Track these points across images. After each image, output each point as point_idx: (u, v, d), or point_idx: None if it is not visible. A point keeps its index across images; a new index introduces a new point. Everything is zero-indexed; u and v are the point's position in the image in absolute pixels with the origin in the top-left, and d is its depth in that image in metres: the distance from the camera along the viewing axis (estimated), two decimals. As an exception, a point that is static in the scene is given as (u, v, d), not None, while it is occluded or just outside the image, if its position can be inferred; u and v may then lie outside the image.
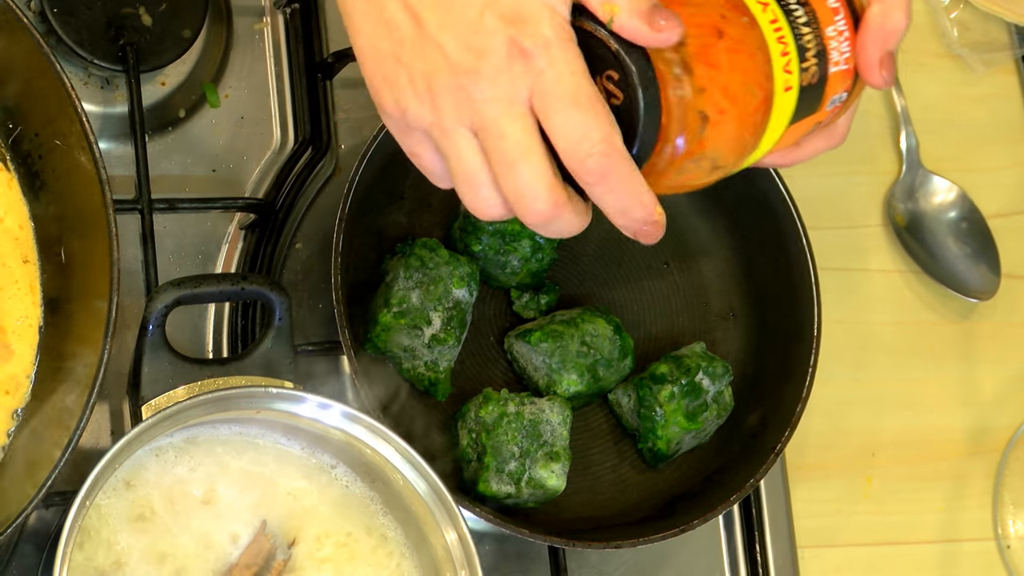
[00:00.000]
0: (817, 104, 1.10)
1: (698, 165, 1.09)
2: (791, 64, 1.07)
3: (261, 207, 1.35)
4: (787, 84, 1.08)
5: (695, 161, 1.08)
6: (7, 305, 1.19)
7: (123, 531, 1.16)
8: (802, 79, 1.08)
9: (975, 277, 1.56)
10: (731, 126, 1.07)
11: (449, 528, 1.20)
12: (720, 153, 1.08)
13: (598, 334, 1.33)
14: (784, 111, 1.09)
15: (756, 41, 1.07)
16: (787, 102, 1.08)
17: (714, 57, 1.06)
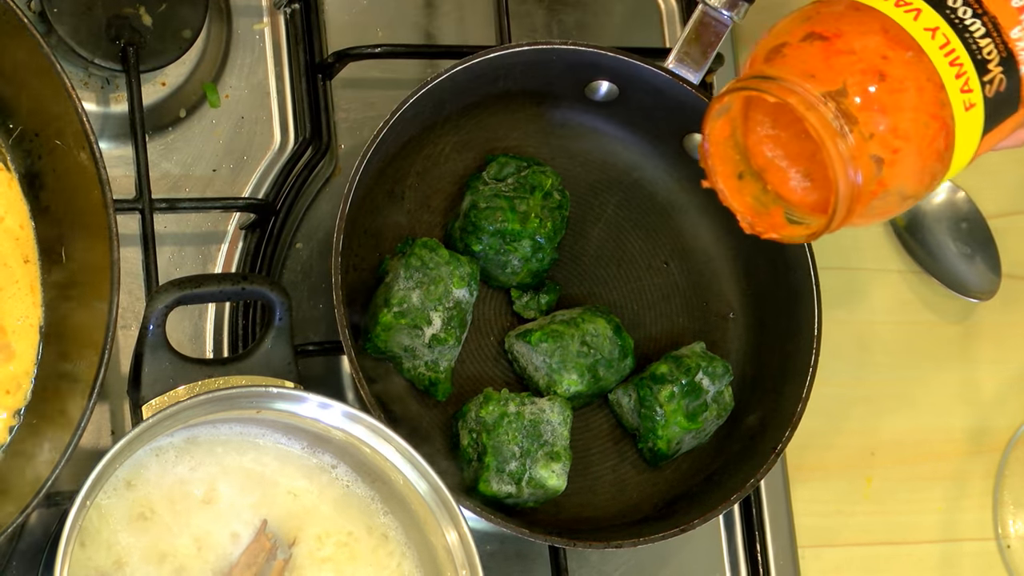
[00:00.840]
0: (1016, 104, 1.11)
1: (885, 202, 1.10)
2: (970, 82, 1.08)
3: (261, 207, 1.35)
4: (968, 103, 1.09)
5: (881, 199, 1.09)
6: (7, 305, 1.19)
7: (123, 531, 1.16)
8: (987, 91, 1.09)
9: (975, 277, 1.56)
10: (910, 161, 1.08)
11: (450, 528, 1.20)
12: (905, 186, 1.09)
13: (598, 334, 1.33)
14: (972, 127, 1.09)
15: (924, 73, 1.08)
16: (973, 118, 1.09)
17: (877, 101, 1.07)
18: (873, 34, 1.08)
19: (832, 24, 1.09)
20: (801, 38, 1.10)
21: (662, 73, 1.36)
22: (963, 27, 1.09)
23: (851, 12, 1.10)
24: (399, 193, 1.36)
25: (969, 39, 1.09)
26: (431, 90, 1.31)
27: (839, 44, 1.08)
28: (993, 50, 1.09)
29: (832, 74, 1.08)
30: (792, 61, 1.10)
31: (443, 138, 1.38)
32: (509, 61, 1.34)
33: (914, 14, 1.09)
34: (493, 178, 1.36)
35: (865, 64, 1.08)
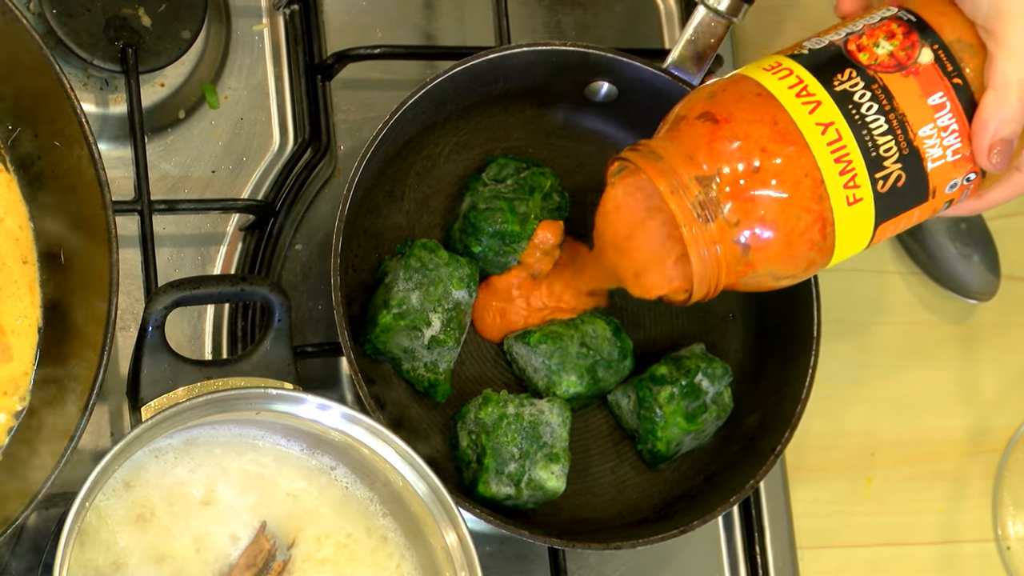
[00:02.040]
0: (922, 196, 1.14)
1: (759, 279, 1.15)
2: (857, 178, 1.11)
3: (260, 208, 1.35)
4: (853, 197, 1.11)
5: (752, 278, 1.15)
6: (6, 305, 1.19)
7: (123, 532, 1.16)
8: (879, 187, 1.12)
9: (975, 278, 1.56)
10: (778, 249, 1.13)
11: (449, 529, 1.20)
12: (776, 269, 1.14)
13: (598, 335, 1.33)
14: (859, 219, 1.12)
15: (802, 168, 1.11)
16: (859, 211, 1.12)
17: (747, 191, 1.10)
18: (760, 124, 1.12)
19: (727, 108, 1.14)
20: (697, 115, 1.15)
21: (662, 74, 1.36)
22: (862, 123, 1.12)
23: (750, 97, 1.13)
24: (399, 194, 1.36)
25: (866, 136, 1.12)
26: (431, 91, 1.31)
27: (725, 130, 1.13)
28: (893, 147, 1.12)
29: (710, 158, 1.13)
30: (682, 137, 1.15)
31: (443, 139, 1.38)
32: (509, 62, 1.34)
33: (811, 106, 1.12)
34: (492, 179, 1.35)
35: (743, 153, 1.12)
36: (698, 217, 1.13)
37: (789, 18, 1.59)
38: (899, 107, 1.12)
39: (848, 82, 1.13)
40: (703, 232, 1.13)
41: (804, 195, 1.12)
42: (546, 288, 1.34)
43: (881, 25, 1.16)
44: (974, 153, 1.14)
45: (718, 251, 1.13)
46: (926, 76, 1.13)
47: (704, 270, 1.15)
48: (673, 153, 1.15)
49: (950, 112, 1.13)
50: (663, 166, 1.14)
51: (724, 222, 1.12)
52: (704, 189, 1.12)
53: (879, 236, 1.16)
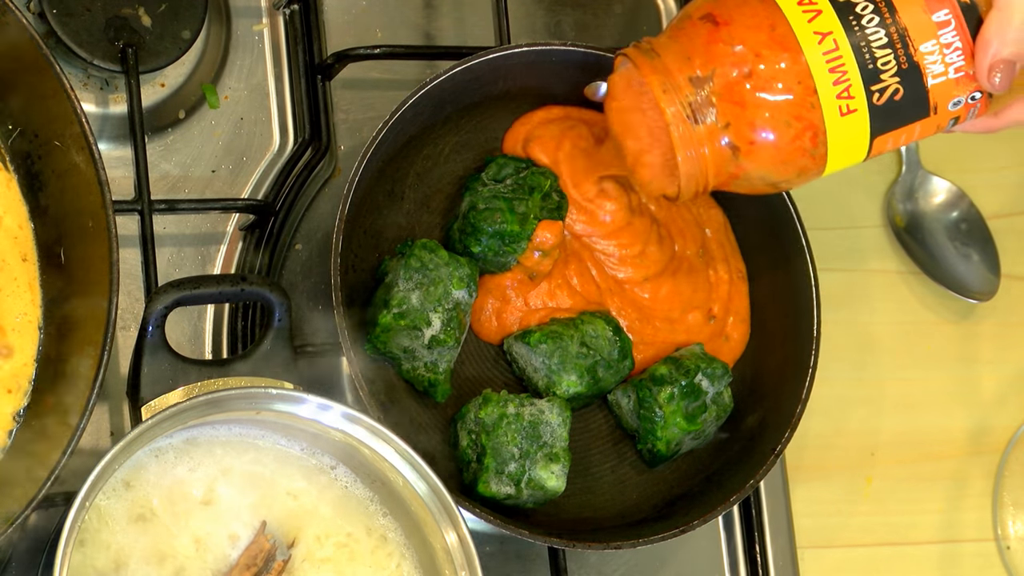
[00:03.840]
0: (923, 111, 1.14)
1: (751, 183, 1.16)
2: (852, 89, 1.12)
3: (261, 208, 1.35)
4: (847, 108, 1.12)
5: (743, 180, 1.15)
6: (6, 304, 1.19)
7: (123, 532, 1.16)
8: (874, 99, 1.12)
9: (975, 277, 1.56)
10: (768, 154, 1.13)
11: (449, 529, 1.20)
12: (767, 174, 1.15)
13: (598, 335, 1.33)
14: (853, 130, 1.13)
15: (795, 76, 1.12)
16: (853, 122, 1.13)
17: (739, 95, 1.10)
18: (758, 30, 1.12)
19: (728, 10, 1.14)
20: (700, 16, 1.15)
21: (661, 74, 1.36)
22: (861, 35, 1.12)
23: (753, 3, 1.15)
24: (399, 194, 1.36)
25: (863, 47, 1.12)
26: (431, 91, 1.31)
27: (723, 32, 1.13)
28: (891, 60, 1.12)
29: (706, 60, 1.14)
30: (682, 37, 1.16)
31: (443, 139, 1.38)
32: (509, 62, 1.34)
33: (811, 15, 1.12)
34: (492, 179, 1.35)
35: (738, 57, 1.13)
36: (687, 117, 1.14)
37: (789, 18, 1.59)
38: (901, 21, 1.13)
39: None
40: (692, 133, 1.14)
41: (795, 102, 1.12)
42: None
43: None
44: (975, 72, 1.14)
45: (706, 152, 1.14)
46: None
47: (691, 169, 1.15)
48: (671, 52, 1.15)
49: (954, 29, 1.13)
50: (658, 64, 1.15)
51: (713, 124, 1.13)
52: (696, 90, 1.13)
53: (877, 148, 1.16)
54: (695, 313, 1.38)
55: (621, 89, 1.21)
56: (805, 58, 1.12)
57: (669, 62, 1.15)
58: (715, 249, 1.41)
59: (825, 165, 1.15)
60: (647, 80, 1.16)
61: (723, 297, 1.40)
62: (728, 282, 1.40)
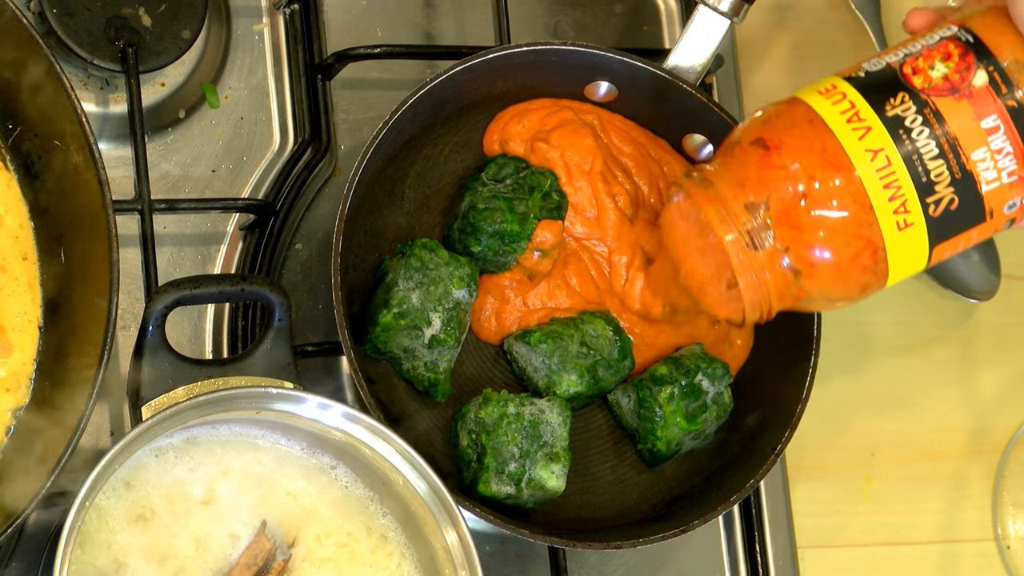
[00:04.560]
0: (979, 217, 1.14)
1: (813, 303, 1.16)
2: (908, 204, 1.11)
3: (261, 208, 1.35)
4: (905, 222, 1.12)
5: (806, 302, 1.16)
6: (7, 303, 1.19)
7: (123, 531, 1.16)
8: (931, 211, 1.12)
9: (975, 277, 1.56)
10: (829, 274, 1.13)
11: (449, 529, 1.20)
12: (830, 293, 1.15)
13: (598, 335, 1.33)
14: (912, 241, 1.12)
15: (850, 196, 1.11)
16: (912, 235, 1.12)
17: (795, 219, 1.10)
18: (809, 151, 1.12)
19: (778, 134, 1.14)
20: (750, 141, 1.15)
21: (662, 74, 1.36)
22: (913, 148, 1.12)
23: (802, 124, 1.14)
24: (399, 193, 1.36)
25: (916, 161, 1.12)
26: (431, 90, 1.31)
27: (775, 157, 1.13)
28: (944, 171, 1.12)
29: (760, 186, 1.13)
30: (734, 164, 1.15)
31: (443, 138, 1.38)
32: (509, 61, 1.34)
33: (861, 132, 1.12)
34: (492, 179, 1.36)
35: (792, 181, 1.12)
36: (747, 245, 1.13)
37: (789, 18, 1.59)
38: (951, 131, 1.12)
39: (900, 107, 1.12)
40: (751, 259, 1.13)
41: (853, 222, 1.12)
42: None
43: (939, 46, 1.15)
44: None
45: (767, 277, 1.14)
46: (979, 99, 1.13)
47: (754, 295, 1.15)
48: (724, 180, 1.15)
49: (1004, 134, 1.12)
50: (713, 193, 1.15)
51: (773, 249, 1.13)
52: (752, 216, 1.13)
53: (937, 256, 1.15)
54: (700, 316, 1.38)
55: (677, 219, 1.20)
56: (859, 176, 1.11)
57: (723, 190, 1.15)
58: None
59: (887, 278, 1.15)
60: (703, 210, 1.15)
61: None
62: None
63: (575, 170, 1.36)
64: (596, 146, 1.36)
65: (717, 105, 1.37)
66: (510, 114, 1.38)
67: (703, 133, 1.39)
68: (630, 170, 1.39)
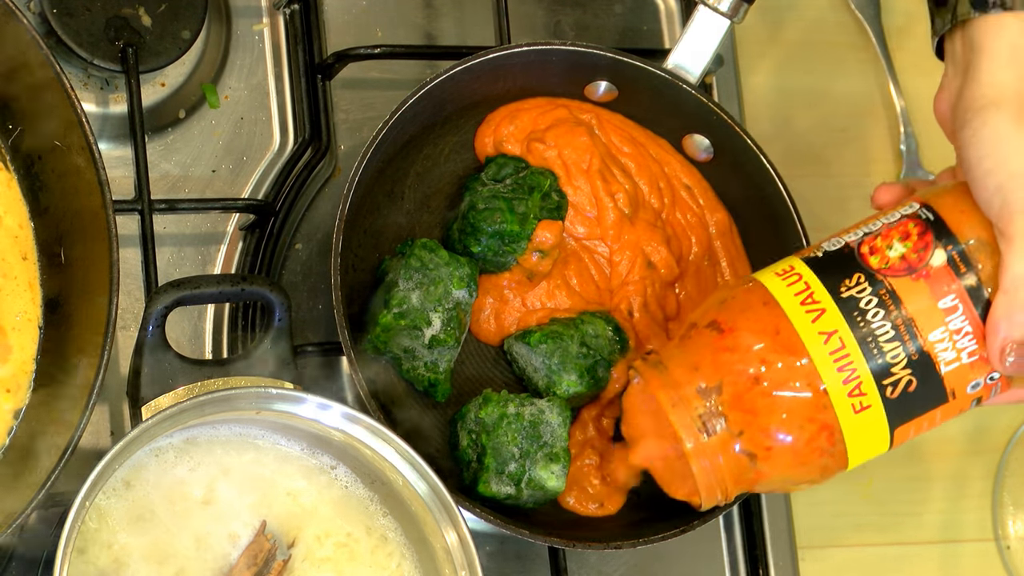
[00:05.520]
0: (940, 398, 1.12)
1: (774, 485, 1.14)
2: (863, 386, 1.10)
3: (261, 208, 1.35)
4: (860, 405, 1.10)
5: (765, 484, 1.14)
6: (6, 302, 1.19)
7: (123, 531, 1.16)
8: (887, 392, 1.10)
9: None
10: (786, 457, 1.12)
11: (449, 529, 1.20)
12: (788, 476, 1.13)
13: (598, 335, 1.33)
14: (870, 424, 1.11)
15: (804, 378, 1.10)
16: (869, 418, 1.11)
17: (749, 403, 1.09)
18: (763, 334, 1.11)
19: (733, 316, 1.13)
20: (706, 324, 1.14)
21: (661, 73, 1.36)
22: (868, 330, 1.10)
23: (756, 307, 1.13)
24: (399, 193, 1.36)
25: (871, 343, 1.10)
26: (431, 90, 1.31)
27: (729, 340, 1.12)
28: (900, 353, 1.10)
29: (713, 370, 1.12)
30: (690, 346, 1.15)
31: (443, 138, 1.38)
32: (509, 61, 1.34)
33: (815, 314, 1.10)
34: (491, 179, 1.36)
35: (744, 364, 1.11)
36: (699, 430, 1.12)
37: (789, 18, 1.59)
38: (907, 311, 1.10)
39: (855, 288, 1.11)
40: (704, 445, 1.12)
41: (807, 405, 1.10)
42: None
43: (898, 224, 1.13)
44: (988, 356, 1.11)
45: (720, 461, 1.13)
46: (937, 279, 1.11)
47: (708, 480, 1.14)
48: (678, 363, 1.14)
49: (962, 314, 1.10)
50: (667, 378, 1.14)
51: (726, 433, 1.12)
52: (705, 401, 1.12)
53: (899, 438, 1.13)
54: None
55: (635, 402, 1.19)
56: (812, 360, 1.10)
57: (677, 374, 1.14)
58: (720, 251, 1.41)
59: (847, 461, 1.13)
60: (655, 395, 1.14)
61: None
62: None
63: (574, 169, 1.36)
64: (592, 144, 1.36)
65: (717, 105, 1.37)
66: (501, 115, 1.37)
67: (703, 133, 1.39)
68: (630, 170, 1.39)
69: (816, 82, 1.57)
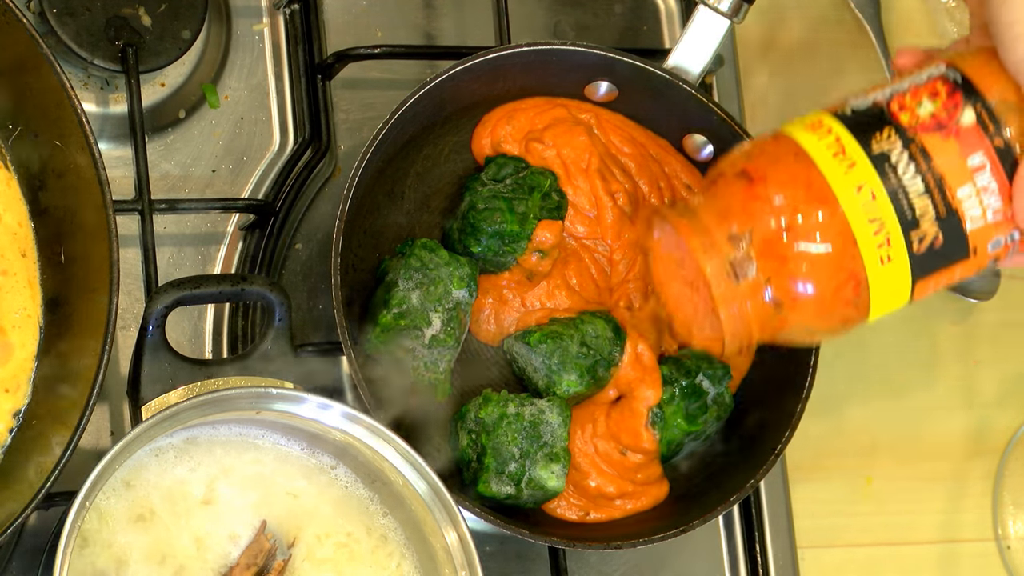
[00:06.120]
0: (962, 255, 1.14)
1: (794, 334, 1.15)
2: (892, 239, 1.11)
3: (261, 208, 1.35)
4: (888, 257, 1.11)
5: (788, 333, 1.15)
6: (6, 300, 1.19)
7: (123, 531, 1.16)
8: (914, 247, 1.12)
9: (975, 277, 1.56)
10: (811, 307, 1.12)
11: (449, 529, 1.20)
12: (810, 325, 1.14)
13: (598, 335, 1.33)
14: (895, 276, 1.12)
15: (834, 229, 1.11)
16: (894, 270, 1.12)
17: (779, 251, 1.10)
18: (794, 186, 1.12)
19: (763, 167, 1.13)
20: (734, 173, 1.14)
21: (662, 73, 1.36)
22: (898, 184, 1.11)
23: (787, 158, 1.14)
24: (399, 193, 1.36)
25: (901, 197, 1.11)
26: (431, 90, 1.31)
27: (759, 189, 1.12)
28: (929, 208, 1.11)
29: (744, 217, 1.13)
30: (718, 195, 1.15)
31: (443, 138, 1.38)
32: (509, 61, 1.34)
33: (847, 167, 1.11)
34: (491, 179, 1.36)
35: (776, 214, 1.12)
36: (728, 275, 1.13)
37: (789, 18, 1.59)
38: (937, 168, 1.12)
39: (886, 143, 1.12)
40: (733, 290, 1.13)
41: (836, 255, 1.12)
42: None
43: (927, 84, 1.15)
44: (1014, 214, 1.13)
45: (748, 308, 1.14)
46: (966, 136, 1.12)
47: (734, 327, 1.15)
48: (707, 210, 1.15)
49: (990, 173, 1.12)
50: (696, 223, 1.14)
51: (755, 280, 1.13)
52: (735, 248, 1.13)
53: (919, 292, 1.15)
54: None
55: (661, 248, 1.20)
56: (843, 211, 1.11)
57: (707, 221, 1.14)
58: None
59: (868, 313, 1.15)
60: (686, 240, 1.15)
61: None
62: None
63: (573, 168, 1.36)
64: (591, 143, 1.36)
65: (717, 105, 1.37)
66: (497, 116, 1.38)
67: (703, 133, 1.39)
68: (630, 169, 1.39)
69: (816, 82, 1.57)
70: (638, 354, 1.34)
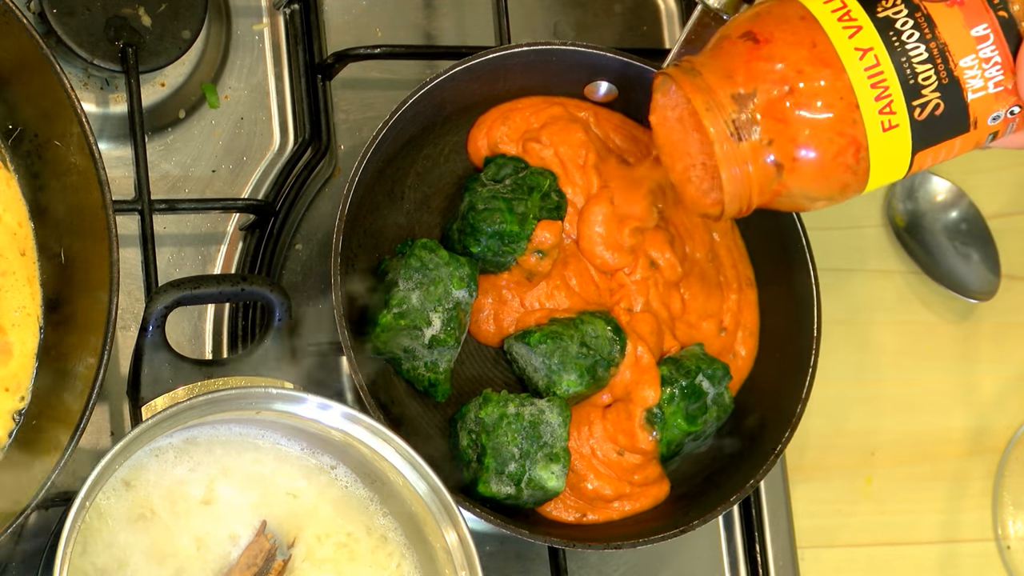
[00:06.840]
0: (963, 126, 1.14)
1: (793, 200, 1.16)
2: (894, 105, 1.12)
3: (261, 208, 1.35)
4: (889, 123, 1.12)
5: (786, 197, 1.15)
6: (5, 299, 1.19)
7: (123, 531, 1.16)
8: (916, 114, 1.12)
9: (975, 277, 1.56)
10: (811, 170, 1.13)
11: (449, 529, 1.20)
12: (809, 190, 1.15)
13: (598, 335, 1.33)
14: (895, 144, 1.13)
15: (837, 92, 1.12)
16: (896, 137, 1.13)
17: (781, 112, 1.10)
18: (799, 46, 1.12)
19: (768, 28, 1.14)
20: (739, 35, 1.15)
21: (662, 73, 1.36)
22: (902, 51, 1.12)
23: (793, 20, 1.14)
24: (399, 193, 1.36)
25: (904, 63, 1.12)
26: (431, 90, 1.31)
27: (764, 50, 1.13)
28: (932, 76, 1.12)
29: (748, 78, 1.14)
30: (723, 55, 1.16)
31: (443, 138, 1.38)
32: (509, 61, 1.34)
33: (852, 31, 1.12)
34: (491, 179, 1.35)
35: (780, 75, 1.12)
36: (731, 135, 1.14)
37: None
38: (941, 36, 1.13)
39: (891, 9, 1.13)
40: (735, 150, 1.14)
41: (838, 118, 1.12)
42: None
43: None
44: (1015, 86, 1.14)
45: (750, 169, 1.14)
46: (971, 7, 1.13)
47: (735, 188, 1.15)
48: (712, 70, 1.15)
49: (993, 44, 1.13)
50: (700, 83, 1.15)
51: (757, 141, 1.13)
52: (739, 108, 1.13)
53: (918, 164, 1.16)
54: (709, 322, 1.38)
55: (663, 109, 1.20)
56: (847, 74, 1.12)
57: (711, 80, 1.15)
58: (723, 254, 1.41)
59: (867, 181, 1.15)
60: (690, 99, 1.15)
61: (733, 308, 1.40)
62: (737, 290, 1.40)
63: (571, 165, 1.36)
64: (588, 139, 1.36)
65: (717, 105, 1.37)
66: (492, 117, 1.38)
67: (703, 133, 1.39)
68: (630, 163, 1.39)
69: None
70: (637, 356, 1.34)
